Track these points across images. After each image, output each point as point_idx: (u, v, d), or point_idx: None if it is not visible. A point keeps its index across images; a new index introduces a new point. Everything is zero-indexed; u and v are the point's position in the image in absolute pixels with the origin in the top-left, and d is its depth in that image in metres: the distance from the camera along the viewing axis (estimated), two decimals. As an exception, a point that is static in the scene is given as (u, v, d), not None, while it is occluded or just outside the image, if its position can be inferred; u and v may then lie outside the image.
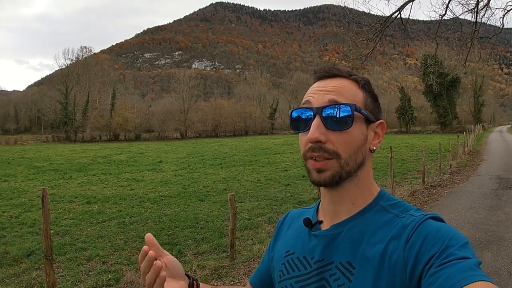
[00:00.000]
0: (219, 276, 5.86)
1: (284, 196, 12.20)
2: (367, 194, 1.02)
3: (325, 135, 0.96)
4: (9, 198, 13.15)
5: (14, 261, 6.90)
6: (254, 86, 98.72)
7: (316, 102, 0.99)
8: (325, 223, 1.05)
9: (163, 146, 42.37)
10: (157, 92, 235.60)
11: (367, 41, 13.73)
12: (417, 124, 71.50)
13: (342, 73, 1.03)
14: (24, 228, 9.26)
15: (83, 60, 76.14)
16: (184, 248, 7.25)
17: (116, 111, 67.42)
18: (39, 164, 23.98)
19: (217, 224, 9.02)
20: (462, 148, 23.25)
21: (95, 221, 9.64)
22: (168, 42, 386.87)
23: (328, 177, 0.97)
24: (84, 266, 6.53)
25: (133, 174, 18.84)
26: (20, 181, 17.10)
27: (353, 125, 0.97)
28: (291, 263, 1.08)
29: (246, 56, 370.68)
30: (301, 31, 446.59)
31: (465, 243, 0.83)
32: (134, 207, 11.17)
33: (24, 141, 61.24)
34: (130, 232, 8.44)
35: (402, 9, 13.03)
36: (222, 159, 25.24)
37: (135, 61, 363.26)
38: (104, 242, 7.81)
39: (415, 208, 0.97)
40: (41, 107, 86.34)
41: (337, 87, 1.00)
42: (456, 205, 10.19)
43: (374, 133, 1.04)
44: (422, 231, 0.87)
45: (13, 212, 10.96)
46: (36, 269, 6.51)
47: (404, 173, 16.37)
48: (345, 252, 0.96)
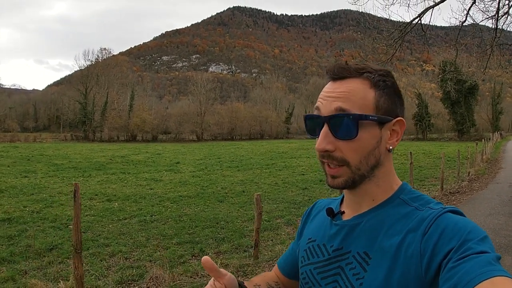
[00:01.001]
0: (244, 273, 5.95)
1: (302, 200, 12.22)
2: (388, 190, 1.02)
3: (333, 143, 0.96)
4: (30, 193, 13.35)
5: (37, 254, 7.01)
6: (270, 90, 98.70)
7: (324, 109, 0.99)
8: (347, 214, 1.07)
9: (180, 148, 42.67)
10: (174, 94, 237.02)
11: (386, 47, 13.68)
12: (434, 131, 70.51)
13: (352, 74, 1.00)
14: (46, 223, 9.39)
15: (102, 62, 76.98)
16: (206, 247, 7.33)
17: (134, 112, 68.08)
18: (58, 162, 24.35)
19: (237, 224, 9.09)
20: (480, 156, 23.01)
21: (116, 218, 9.78)
22: (186, 45, 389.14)
23: (341, 183, 0.98)
24: (107, 262, 6.64)
25: (151, 174, 19.02)
26: (40, 178, 17.36)
27: (360, 132, 0.96)
28: (311, 249, 1.11)
29: (262, 60, 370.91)
30: (318, 36, 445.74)
31: (483, 236, 0.82)
32: (154, 206, 11.30)
33: (43, 139, 62.14)
34: (151, 230, 8.55)
35: (423, 15, 12.98)
36: (239, 162, 25.37)
37: (153, 63, 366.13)
38: (126, 239, 7.92)
39: (436, 201, 0.98)
40: (60, 107, 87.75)
41: (345, 92, 0.98)
42: (476, 211, 10.17)
43: (391, 131, 1.02)
44: (440, 224, 0.87)
45: (34, 207, 11.12)
46: (60, 263, 6.62)
47: (422, 180, 16.26)
48: (363, 242, 0.98)
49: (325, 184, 5.99)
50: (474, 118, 62.52)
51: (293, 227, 8.89)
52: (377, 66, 1.03)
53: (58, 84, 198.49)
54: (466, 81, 48.49)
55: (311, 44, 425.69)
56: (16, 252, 7.05)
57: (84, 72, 70.60)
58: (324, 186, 14.53)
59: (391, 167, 1.04)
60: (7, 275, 5.95)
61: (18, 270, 6.18)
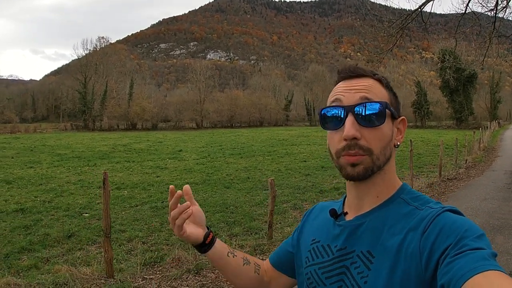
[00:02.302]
0: (262, 251, 6.32)
1: (306, 185, 12.55)
2: (390, 188, 1.06)
3: (360, 131, 0.99)
4: (38, 184, 13.46)
5: (56, 242, 7.18)
6: (269, 77, 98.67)
7: (346, 100, 1.02)
8: (350, 215, 1.10)
9: (181, 136, 42.87)
10: (172, 82, 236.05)
11: (388, 37, 13.86)
12: (432, 119, 70.79)
13: (367, 73, 1.06)
14: (59, 212, 9.54)
15: (101, 50, 76.56)
16: (218, 230, 7.66)
17: (133, 101, 68.13)
18: (61, 152, 24.46)
19: (246, 209, 9.42)
20: (478, 144, 23.41)
21: (128, 206, 10.06)
22: (183, 32, 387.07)
23: (361, 171, 1.00)
24: (125, 246, 6.90)
25: (155, 162, 19.29)
26: (46, 168, 17.46)
27: (385, 122, 1.01)
28: (316, 250, 1.13)
29: (261, 47, 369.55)
30: (317, 23, 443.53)
31: (480, 234, 0.84)
32: (163, 193, 11.57)
33: (43, 129, 62.06)
34: (164, 216, 8.85)
35: (424, 7, 13.15)
36: (241, 149, 25.66)
37: (150, 51, 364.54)
38: (141, 225, 8.21)
39: (435, 201, 1.00)
40: (59, 96, 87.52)
41: (367, 86, 1.03)
42: (472, 196, 10.74)
43: (397, 129, 1.08)
44: (439, 223, 0.89)
45: (45, 197, 11.26)
46: (79, 249, 6.82)
47: (420, 167, 16.60)
48: (366, 242, 1.01)
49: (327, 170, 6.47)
50: (472, 106, 62.61)
51: (300, 211, 9.24)
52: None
53: (55, 73, 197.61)
54: (465, 69, 48.58)
55: (310, 31, 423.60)
56: (35, 241, 7.21)
57: (82, 61, 70.10)
58: (326, 172, 14.87)
59: (394, 164, 1.09)
60: (29, 263, 6.10)
61: (39, 258, 6.33)
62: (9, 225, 8.30)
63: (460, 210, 0.95)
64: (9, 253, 6.61)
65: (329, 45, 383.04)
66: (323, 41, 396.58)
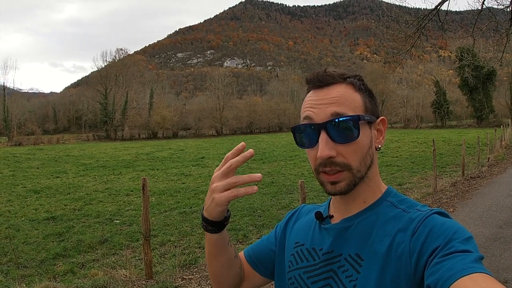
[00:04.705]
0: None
1: (330, 189, 12.58)
2: (376, 191, 1.05)
3: (334, 149, 0.95)
4: (66, 193, 13.83)
5: (90, 248, 7.41)
6: (286, 82, 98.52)
7: (317, 117, 0.98)
8: (336, 218, 1.08)
9: (201, 143, 43.25)
10: (190, 90, 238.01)
11: (405, 37, 13.85)
12: (452, 118, 69.60)
13: (336, 79, 1.01)
14: (90, 219, 9.83)
15: (120, 62, 77.71)
16: (248, 233, 7.83)
17: (154, 110, 69.02)
18: (86, 162, 24.97)
19: (273, 212, 9.57)
20: (499, 142, 23.33)
21: (157, 212, 10.29)
22: (200, 41, 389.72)
23: (343, 187, 0.98)
24: (159, 250, 7.10)
25: (179, 169, 19.56)
26: (72, 177, 17.88)
27: (360, 134, 0.97)
28: (300, 254, 1.10)
29: (277, 53, 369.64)
30: (331, 26, 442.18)
31: (468, 237, 0.85)
32: (190, 199, 11.81)
33: (66, 140, 63.01)
34: (193, 221, 9.06)
35: (440, 6, 13.12)
36: (262, 154, 25.80)
37: (168, 61, 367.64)
38: (172, 230, 8.42)
39: (421, 204, 1.00)
40: (80, 108, 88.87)
41: (336, 97, 0.98)
42: (495, 193, 10.85)
43: (377, 131, 1.05)
44: (428, 224, 0.89)
45: (75, 205, 11.58)
46: (113, 254, 7.04)
47: (443, 167, 16.56)
48: (355, 245, 0.99)
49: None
50: (492, 104, 61.49)
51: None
52: (350, 72, 1.07)
53: (75, 85, 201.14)
54: (484, 67, 47.96)
55: (325, 35, 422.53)
56: (69, 247, 7.43)
57: (102, 73, 71.20)
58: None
59: (377, 167, 1.07)
60: (65, 268, 6.30)
61: (75, 263, 6.54)
62: (42, 233, 8.54)
63: (484, 206, 1.00)
64: (44, 259, 6.83)
65: (345, 48, 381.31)
66: (339, 44, 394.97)
